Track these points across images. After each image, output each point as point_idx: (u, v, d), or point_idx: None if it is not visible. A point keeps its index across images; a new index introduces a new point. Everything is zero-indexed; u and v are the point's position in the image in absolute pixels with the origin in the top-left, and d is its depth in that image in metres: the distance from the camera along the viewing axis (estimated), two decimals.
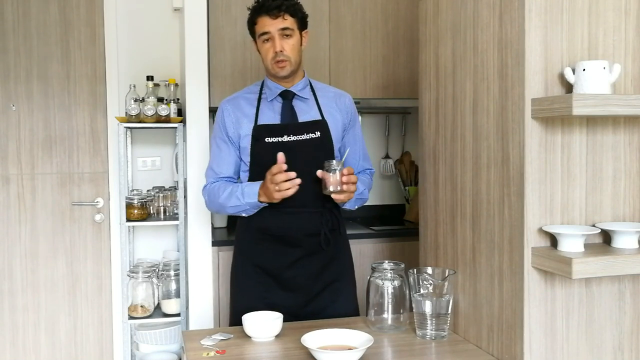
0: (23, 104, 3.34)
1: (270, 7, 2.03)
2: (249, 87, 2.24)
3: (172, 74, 3.42)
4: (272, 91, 2.15)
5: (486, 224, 1.63)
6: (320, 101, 2.18)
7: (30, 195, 3.36)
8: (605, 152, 1.53)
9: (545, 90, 1.47)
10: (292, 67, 2.10)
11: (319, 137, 2.12)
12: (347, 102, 2.24)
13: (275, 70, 2.09)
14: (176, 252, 3.44)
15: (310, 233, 2.10)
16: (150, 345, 3.23)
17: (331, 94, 2.23)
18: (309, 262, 2.12)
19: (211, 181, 2.17)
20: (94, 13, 3.38)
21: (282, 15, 2.04)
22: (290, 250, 2.10)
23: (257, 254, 2.13)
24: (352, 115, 2.25)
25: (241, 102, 2.17)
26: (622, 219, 1.56)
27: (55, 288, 3.39)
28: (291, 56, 2.08)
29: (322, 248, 2.12)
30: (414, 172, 3.65)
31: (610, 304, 1.54)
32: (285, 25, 2.05)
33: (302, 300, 2.10)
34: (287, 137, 2.08)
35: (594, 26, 1.50)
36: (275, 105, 2.15)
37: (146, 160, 3.48)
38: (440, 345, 1.71)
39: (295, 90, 2.15)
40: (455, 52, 1.78)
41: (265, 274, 2.12)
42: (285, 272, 2.11)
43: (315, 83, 2.24)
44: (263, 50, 2.10)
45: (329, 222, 2.13)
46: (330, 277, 2.16)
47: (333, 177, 1.96)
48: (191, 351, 1.68)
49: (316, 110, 2.16)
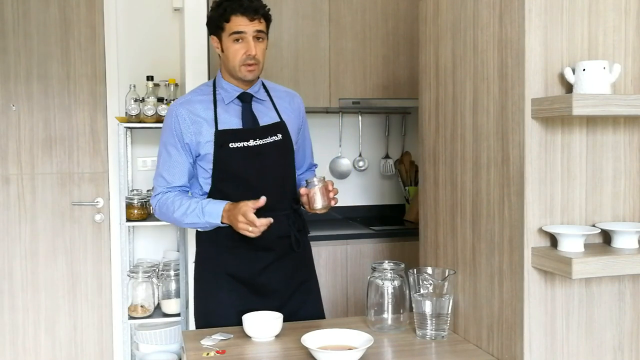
0: (23, 104, 3.34)
1: (250, 8, 1.96)
2: (200, 89, 2.13)
3: (172, 74, 3.42)
4: (228, 93, 2.07)
5: (486, 224, 1.63)
6: (276, 102, 2.14)
7: (30, 195, 3.36)
8: (605, 152, 1.53)
9: (545, 90, 1.47)
10: (259, 72, 2.05)
11: (281, 139, 2.07)
12: (298, 102, 2.22)
13: (243, 73, 2.01)
14: (176, 252, 3.44)
15: (280, 235, 2.05)
16: (150, 345, 3.23)
17: (283, 94, 2.19)
18: (281, 265, 2.08)
19: (163, 191, 2.06)
20: (94, 13, 3.38)
21: (259, 18, 1.99)
22: (263, 255, 2.05)
23: (229, 263, 2.05)
24: (304, 115, 2.24)
25: (196, 106, 2.05)
26: (622, 219, 1.56)
27: (55, 288, 3.39)
28: (261, 60, 2.03)
29: (293, 250, 2.09)
30: (414, 172, 3.65)
31: (610, 304, 1.54)
32: (261, 29, 2.00)
33: (275, 304, 2.02)
34: (252, 141, 2.02)
35: (594, 26, 1.50)
36: (233, 108, 2.06)
37: (146, 160, 3.48)
38: (440, 345, 1.71)
39: (252, 92, 2.09)
40: (455, 52, 1.78)
41: (237, 282, 2.05)
42: (258, 277, 2.06)
43: (267, 83, 2.19)
44: (232, 50, 1.99)
45: (296, 224, 2.11)
46: (301, 277, 2.14)
47: (319, 192, 1.96)
48: (191, 351, 1.68)
49: (274, 112, 2.12)
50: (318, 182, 1.96)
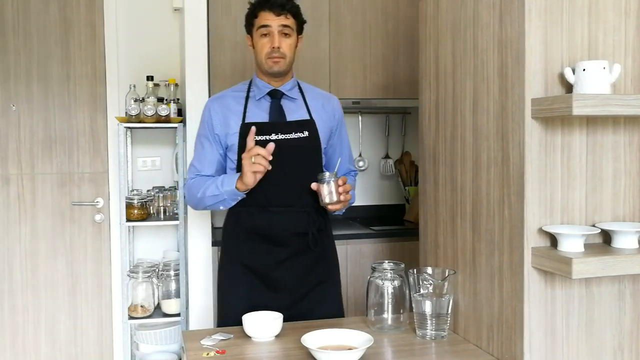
0: (23, 104, 3.34)
1: (275, 4, 2.06)
2: (237, 86, 2.24)
3: (172, 74, 3.42)
4: (260, 90, 2.16)
5: (486, 224, 1.63)
6: (308, 102, 2.20)
7: (30, 195, 3.36)
8: (605, 152, 1.53)
9: (545, 90, 1.47)
10: (286, 66, 2.11)
11: (307, 136, 2.12)
12: (334, 105, 2.26)
13: (268, 65, 2.09)
14: (176, 252, 3.44)
15: (297, 232, 2.10)
16: (150, 345, 3.23)
17: (319, 96, 2.25)
18: (296, 262, 2.11)
19: (192, 177, 2.20)
20: (94, 13, 3.39)
21: (285, 14, 2.07)
22: (278, 250, 2.09)
23: (244, 253, 2.12)
24: (340, 118, 2.27)
25: (228, 100, 2.17)
26: (622, 219, 1.56)
27: (55, 288, 3.39)
28: (287, 54, 2.10)
29: (309, 248, 2.11)
30: (414, 172, 3.65)
31: (610, 304, 1.54)
32: (286, 24, 2.08)
33: (288, 302, 2.08)
34: (274, 135, 2.09)
35: (594, 26, 1.50)
36: (263, 103, 2.15)
37: (146, 160, 3.49)
38: (440, 345, 1.71)
39: (284, 89, 2.16)
40: (455, 52, 1.78)
41: (252, 274, 2.12)
42: (272, 272, 2.11)
43: (303, 84, 2.26)
44: (259, 45, 2.10)
45: (316, 222, 2.13)
46: (317, 278, 2.15)
47: (327, 188, 1.99)
48: (191, 351, 1.68)
49: (305, 110, 2.18)
50: (328, 178, 1.99)
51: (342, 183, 2.01)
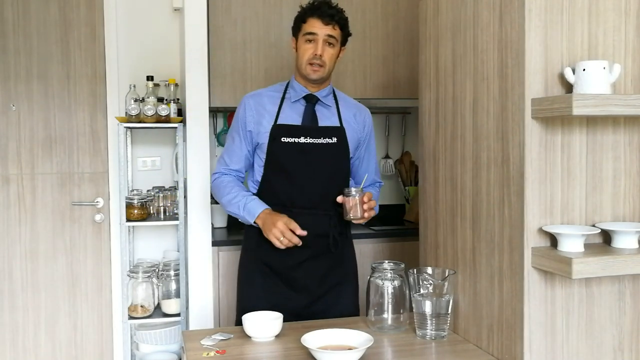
0: (23, 104, 3.34)
1: (326, 13, 2.10)
2: (274, 86, 2.27)
3: (172, 74, 3.42)
4: (297, 92, 2.19)
5: (486, 224, 1.63)
6: (341, 110, 2.23)
7: (30, 195, 3.36)
8: (605, 152, 1.53)
9: (545, 90, 1.47)
10: (324, 75, 2.15)
11: (335, 142, 2.16)
12: (366, 117, 2.30)
13: (307, 71, 2.13)
14: (176, 252, 3.44)
15: (318, 234, 2.12)
16: (150, 345, 3.23)
17: (352, 105, 2.29)
18: (316, 263, 2.15)
19: (221, 171, 2.23)
20: (94, 13, 3.38)
21: (333, 25, 2.11)
22: (298, 250, 2.10)
23: (265, 252, 2.14)
24: (369, 130, 2.31)
25: (264, 99, 2.20)
26: (622, 219, 1.56)
27: (55, 288, 3.39)
28: (327, 64, 2.13)
29: (330, 250, 2.15)
30: (414, 172, 3.65)
31: (610, 304, 1.54)
32: (333, 34, 2.12)
33: (305, 301, 2.13)
34: (304, 138, 2.12)
35: (594, 26, 1.50)
36: (297, 107, 2.19)
37: (146, 160, 3.48)
38: (440, 345, 1.71)
39: (319, 95, 2.20)
40: (455, 52, 1.78)
41: (272, 272, 2.15)
42: (292, 272, 2.14)
43: (339, 93, 2.30)
44: (302, 49, 2.13)
45: (337, 226, 2.16)
46: (335, 279, 2.19)
47: (352, 203, 2.03)
48: (191, 351, 1.68)
49: (336, 118, 2.21)
50: (355, 193, 2.03)
51: (367, 200, 2.04)
